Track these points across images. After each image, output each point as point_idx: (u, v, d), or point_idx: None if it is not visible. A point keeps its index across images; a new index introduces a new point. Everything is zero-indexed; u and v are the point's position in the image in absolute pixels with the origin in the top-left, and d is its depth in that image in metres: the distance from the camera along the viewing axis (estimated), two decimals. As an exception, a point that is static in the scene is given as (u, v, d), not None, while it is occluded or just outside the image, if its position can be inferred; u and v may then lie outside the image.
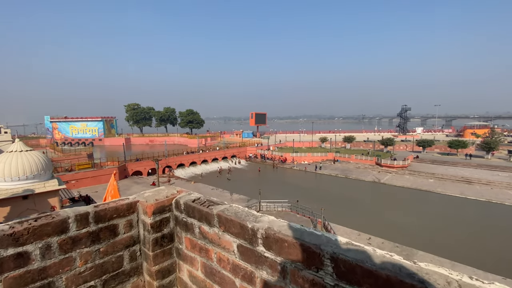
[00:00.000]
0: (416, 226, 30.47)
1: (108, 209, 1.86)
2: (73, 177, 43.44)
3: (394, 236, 26.91)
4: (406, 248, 24.56)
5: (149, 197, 2.05)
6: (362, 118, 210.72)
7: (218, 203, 1.86)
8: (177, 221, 2.07)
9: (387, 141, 73.04)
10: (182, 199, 2.02)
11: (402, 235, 27.65)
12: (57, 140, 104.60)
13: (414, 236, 28.03)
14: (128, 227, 2.00)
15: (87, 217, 1.77)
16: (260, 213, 1.66)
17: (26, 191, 20.57)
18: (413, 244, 25.33)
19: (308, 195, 41.26)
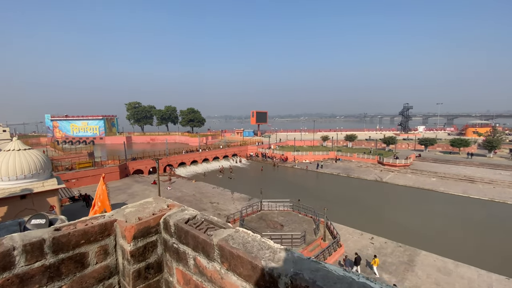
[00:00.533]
0: (419, 225, 30.04)
1: (73, 233, 1.37)
2: (73, 175, 43.15)
3: (397, 236, 26.49)
4: (409, 248, 24.15)
5: (130, 214, 1.55)
6: (364, 116, 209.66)
7: (219, 225, 1.37)
8: (167, 246, 1.57)
9: (389, 140, 72.42)
10: (173, 218, 1.51)
11: (405, 235, 27.24)
12: (57, 139, 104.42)
13: (417, 235, 27.61)
14: (102, 255, 1.51)
15: (42, 247, 1.30)
16: (278, 246, 1.17)
17: (24, 191, 20.20)
18: (416, 243, 24.92)
19: (310, 194, 40.86)
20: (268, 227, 17.49)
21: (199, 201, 36.16)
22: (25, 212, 20.42)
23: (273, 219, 18.83)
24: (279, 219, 18.74)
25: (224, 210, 32.50)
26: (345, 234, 26.02)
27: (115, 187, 42.86)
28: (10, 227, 7.17)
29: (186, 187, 43.91)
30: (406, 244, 24.66)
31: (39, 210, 21.43)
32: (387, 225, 29.76)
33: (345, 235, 25.66)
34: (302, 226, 17.51)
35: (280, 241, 15.15)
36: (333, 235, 17.38)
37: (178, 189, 42.46)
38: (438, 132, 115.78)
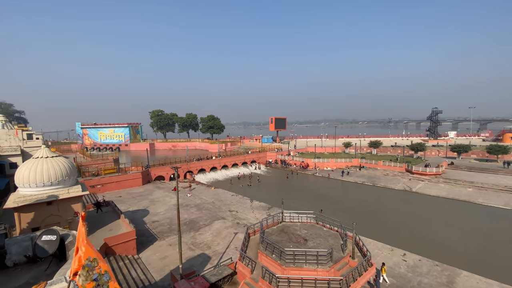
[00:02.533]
0: (457, 241, 27.26)
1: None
2: (99, 181, 44.62)
3: (433, 253, 24.11)
4: (447, 267, 21.78)
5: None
6: (388, 121, 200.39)
7: None
8: None
9: (417, 146, 68.20)
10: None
11: (443, 252, 24.76)
12: (86, 146, 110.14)
13: (456, 253, 24.99)
14: None
15: None
16: None
17: (50, 197, 20.71)
18: (456, 262, 22.44)
19: (333, 204, 38.96)
20: (290, 241, 16.38)
21: (218, 209, 35.68)
22: (51, 218, 20.95)
23: (296, 232, 17.67)
24: (302, 233, 17.55)
25: (243, 219, 31.71)
26: (374, 249, 24.11)
27: (137, 193, 43.70)
28: (22, 242, 6.90)
29: (205, 194, 43.75)
30: (443, 262, 22.28)
31: (65, 216, 21.94)
32: (421, 240, 27.30)
33: (374, 250, 23.76)
34: (327, 241, 16.20)
35: (304, 258, 14.03)
36: (362, 252, 15.89)
37: (197, 196, 42.38)
38: (471, 138, 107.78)
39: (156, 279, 19.69)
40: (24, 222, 19.67)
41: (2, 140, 41.84)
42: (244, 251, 16.89)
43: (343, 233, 16.92)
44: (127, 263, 21.61)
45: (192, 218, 32.21)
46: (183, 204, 37.15)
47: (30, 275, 6.08)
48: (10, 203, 19.33)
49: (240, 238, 25.85)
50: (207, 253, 23.53)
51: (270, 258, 14.98)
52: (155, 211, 34.99)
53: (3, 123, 49.88)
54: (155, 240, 26.27)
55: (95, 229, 24.20)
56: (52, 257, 6.49)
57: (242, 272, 15.96)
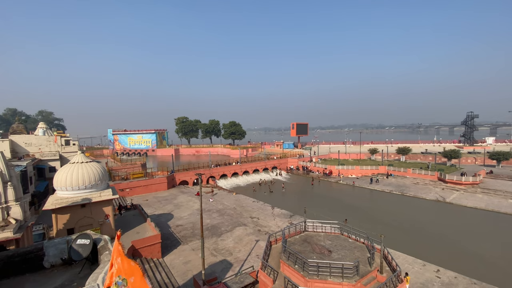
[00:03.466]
0: (498, 258, 24.87)
1: None
2: (127, 185, 46.84)
3: (470, 269, 22.19)
4: (487, 285, 19.94)
5: None
6: (418, 127, 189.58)
7: None
8: None
9: (451, 153, 63.75)
10: None
11: (481, 269, 22.70)
12: (117, 151, 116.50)
13: (497, 270, 22.79)
14: None
15: None
16: None
17: (84, 200, 22.03)
18: (497, 281, 20.46)
19: (358, 214, 37.43)
20: (313, 252, 15.88)
21: (239, 215, 35.77)
22: (84, 220, 22.25)
23: (319, 242, 17.11)
24: (326, 243, 16.95)
25: (264, 227, 31.46)
26: (403, 263, 22.69)
27: (162, 197, 45.19)
28: (59, 245, 7.36)
29: (227, 199, 44.14)
30: (482, 280, 20.41)
31: (97, 219, 23.19)
32: (457, 256, 25.25)
33: (403, 264, 22.36)
34: (353, 254, 15.48)
35: (328, 271, 13.51)
36: (391, 267, 14.95)
37: (219, 201, 42.86)
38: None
39: (179, 283, 20.05)
40: (60, 223, 21.07)
41: (43, 146, 45.55)
42: (266, 260, 16.68)
43: (370, 246, 16.09)
44: (152, 266, 22.27)
45: (214, 224, 32.56)
46: (205, 209, 37.73)
47: (65, 277, 6.42)
48: (49, 205, 20.84)
49: (261, 246, 25.64)
50: (229, 259, 23.58)
51: (293, 268, 14.62)
52: (179, 215, 35.89)
53: (44, 130, 54.39)
54: (178, 244, 26.86)
55: (124, 231, 25.29)
56: (85, 260, 6.82)
57: (264, 282, 15.74)
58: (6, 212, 15.25)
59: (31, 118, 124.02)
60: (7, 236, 14.25)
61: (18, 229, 14.99)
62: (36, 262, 6.70)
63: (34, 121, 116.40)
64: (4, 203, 15.18)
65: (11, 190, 15.38)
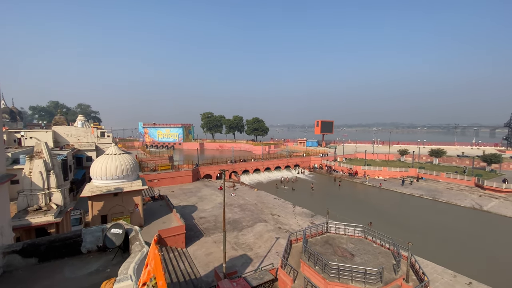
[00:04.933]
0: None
1: None
2: (155, 176, 49.17)
3: (506, 284, 20.43)
4: (528, 305, 18.20)
5: None
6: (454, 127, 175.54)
7: None
8: None
9: (491, 157, 58.51)
10: None
11: (523, 287, 20.76)
12: (147, 143, 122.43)
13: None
14: None
15: None
16: None
17: (117, 189, 23.52)
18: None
19: (384, 218, 35.95)
20: (335, 254, 15.57)
21: (260, 211, 36.03)
22: (116, 208, 23.81)
23: (342, 245, 16.72)
24: (349, 247, 16.52)
25: (285, 225, 31.42)
26: (432, 273, 21.48)
27: (187, 189, 46.86)
28: (95, 233, 7.97)
29: (248, 195, 44.64)
30: (522, 299, 18.72)
31: (127, 207, 24.68)
32: (492, 269, 23.34)
33: (432, 274, 21.16)
34: (377, 260, 14.93)
35: (350, 275, 13.18)
36: (418, 276, 14.20)
37: (241, 196, 43.48)
38: None
39: (201, 274, 20.79)
40: (95, 209, 22.76)
41: (81, 137, 49.20)
42: (286, 258, 16.69)
43: (396, 252, 15.40)
44: (176, 255, 23.31)
45: (236, 218, 33.16)
46: (227, 203, 38.50)
47: (100, 263, 6.92)
48: (86, 192, 22.61)
49: (281, 243, 25.68)
50: (249, 254, 23.94)
51: (313, 269, 14.48)
52: (202, 207, 37.03)
53: (82, 122, 58.63)
54: (201, 236, 27.78)
55: (151, 220, 26.70)
56: (118, 248, 7.30)
57: (283, 280, 15.79)
58: (48, 197, 16.79)
59: (71, 111, 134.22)
60: (49, 220, 15.72)
61: (58, 213, 16.45)
62: (75, 247, 7.26)
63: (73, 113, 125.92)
64: (47, 189, 16.71)
65: (53, 177, 16.87)
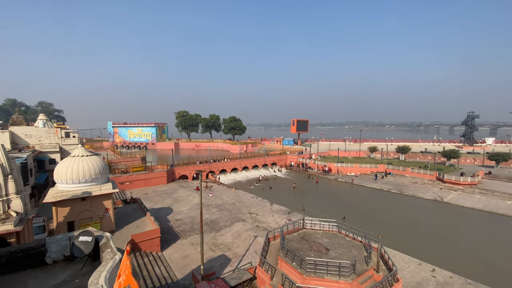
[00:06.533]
0: (494, 258, 25.19)
1: None
2: (127, 179, 46.98)
3: (466, 270, 22.49)
4: (481, 286, 20.25)
5: None
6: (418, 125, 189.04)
7: None
8: None
9: (450, 153, 63.93)
10: None
11: (477, 270, 23.01)
12: (117, 143, 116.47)
13: (492, 271, 23.13)
14: None
15: None
16: None
17: (84, 193, 22.14)
18: (492, 282, 20.74)
19: (356, 212, 37.72)
20: (311, 249, 16.06)
21: (238, 210, 36.01)
22: (84, 213, 22.41)
23: (317, 240, 17.29)
24: (324, 241, 17.13)
25: (263, 223, 31.72)
26: (399, 262, 22.99)
27: (162, 191, 45.40)
28: (61, 241, 7.44)
29: (226, 194, 44.38)
30: (477, 281, 20.70)
31: (97, 212, 23.33)
32: (452, 255, 25.56)
33: (399, 263, 22.65)
34: (350, 252, 15.67)
35: (325, 268, 13.69)
36: (388, 266, 15.17)
37: (218, 196, 43.10)
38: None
39: (178, 278, 20.32)
40: (61, 215, 21.23)
41: (43, 137, 45.54)
42: (264, 256, 16.86)
43: (367, 244, 16.27)
44: (151, 259, 22.52)
45: (213, 219, 32.82)
46: (204, 204, 37.95)
47: (68, 273, 6.51)
48: (49, 197, 20.97)
49: (259, 242, 25.90)
50: (227, 254, 23.85)
51: (290, 265, 14.81)
52: (178, 209, 36.13)
53: (44, 121, 54.29)
54: (177, 239, 27.12)
55: (123, 225, 25.50)
56: (87, 257, 6.90)
57: (261, 278, 15.94)
58: (6, 204, 15.34)
59: (30, 109, 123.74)
60: (8, 229, 14.36)
61: (18, 221, 15.09)
62: (39, 258, 6.77)
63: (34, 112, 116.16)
64: (5, 195, 15.26)
65: (12, 183, 15.44)
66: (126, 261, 3.94)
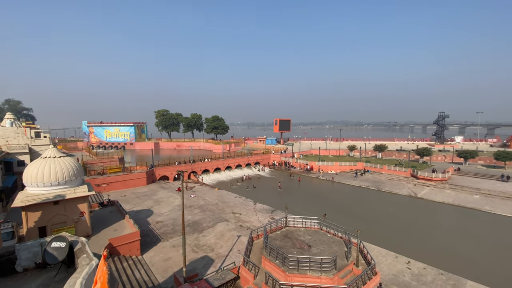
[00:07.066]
0: (463, 249, 26.91)
1: None
2: (104, 180, 45.05)
3: (438, 261, 23.83)
4: (452, 276, 21.52)
5: None
6: (394, 125, 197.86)
7: None
8: None
9: (423, 151, 67.47)
10: None
11: (448, 260, 24.46)
12: (92, 144, 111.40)
13: (462, 261, 24.68)
14: None
15: None
16: None
17: (57, 197, 20.94)
18: (462, 272, 22.15)
19: (337, 209, 38.76)
20: (294, 247, 16.34)
21: (221, 211, 35.76)
22: (57, 218, 21.22)
23: (299, 237, 17.63)
24: (306, 238, 17.51)
25: (246, 222, 31.73)
26: (377, 256, 23.93)
27: (142, 193, 44.02)
28: (32, 248, 6.99)
29: (209, 195, 43.89)
30: (449, 271, 22.03)
31: (71, 216, 22.18)
32: (426, 248, 27.00)
33: (377, 257, 23.57)
34: (331, 248, 16.13)
35: (308, 265, 13.99)
36: (367, 260, 15.78)
37: (201, 197, 42.53)
38: (478, 143, 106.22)
39: (160, 281, 19.81)
40: (31, 221, 19.96)
41: (10, 138, 42.53)
42: (247, 255, 16.91)
43: (347, 240, 16.82)
44: (131, 263, 21.78)
45: (196, 220, 32.34)
46: (186, 205, 37.30)
47: (39, 281, 6.17)
48: (18, 202, 19.62)
49: (243, 241, 25.88)
50: (210, 255, 23.60)
51: (274, 264, 14.96)
52: (159, 211, 35.21)
53: (11, 121, 50.73)
54: (158, 241, 26.43)
55: (100, 228, 24.45)
56: (61, 263, 6.57)
57: (245, 277, 15.97)
58: (-31, 210, 14.19)
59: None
60: (-29, 236, 13.31)
61: (-17, 228, 14.03)
62: (8, 266, 6.35)
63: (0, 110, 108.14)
64: (-33, 201, 14.11)
65: (-25, 187, 14.30)
66: (103, 266, 3.80)
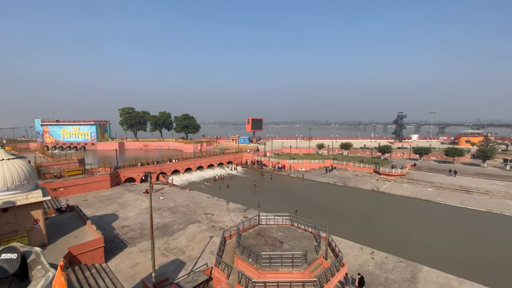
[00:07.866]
0: (419, 238, 29.45)
1: None
2: (62, 184, 41.45)
3: (398, 250, 25.80)
4: (411, 263, 23.45)
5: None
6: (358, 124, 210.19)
7: None
8: None
9: (384, 149, 72.54)
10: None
11: (406, 249, 26.60)
12: (47, 144, 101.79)
13: (418, 249, 26.98)
14: None
15: None
16: None
17: (6, 204, 18.82)
18: (419, 258, 24.24)
19: (307, 205, 40.05)
20: (266, 244, 16.57)
21: (192, 212, 34.95)
22: (7, 227, 19.04)
23: (272, 235, 17.93)
24: (278, 235, 17.85)
25: (219, 222, 31.39)
26: (344, 248, 25.22)
27: (105, 196, 41.31)
28: (-25, 263, 6.20)
29: (179, 196, 42.61)
30: (407, 259, 23.95)
31: (23, 225, 20.06)
32: (387, 238, 29.06)
33: (344, 249, 24.85)
34: (302, 243, 16.66)
35: (280, 261, 14.29)
36: (335, 253, 16.58)
37: (171, 198, 41.14)
38: (431, 141, 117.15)
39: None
40: (-26, 232, 17.65)
41: None
42: (220, 256, 16.75)
43: (317, 234, 17.49)
44: (94, 272, 20.33)
45: (165, 222, 31.20)
46: (155, 208, 35.83)
47: (-15, 298, 5.54)
48: (-44, 211, 17.24)
49: (216, 242, 25.56)
50: (181, 258, 22.94)
51: (247, 262, 15.02)
52: (125, 215, 33.35)
53: None
54: (125, 247, 25.03)
55: (59, 236, 22.45)
56: (13, 276, 5.92)
57: (218, 278, 15.81)
58: None
59: None
60: None
61: None
62: None
63: None
64: None
65: None
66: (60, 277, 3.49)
